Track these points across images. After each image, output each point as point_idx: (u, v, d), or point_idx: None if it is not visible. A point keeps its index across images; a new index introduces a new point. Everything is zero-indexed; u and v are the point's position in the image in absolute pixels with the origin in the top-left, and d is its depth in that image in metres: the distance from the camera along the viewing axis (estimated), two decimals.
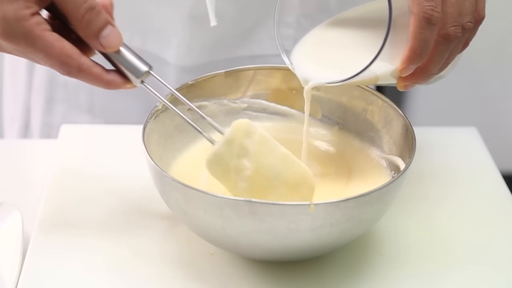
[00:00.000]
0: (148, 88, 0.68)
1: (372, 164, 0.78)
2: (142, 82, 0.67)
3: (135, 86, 0.67)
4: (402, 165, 0.74)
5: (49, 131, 1.01)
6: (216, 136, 0.70)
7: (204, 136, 0.69)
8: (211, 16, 0.84)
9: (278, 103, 0.83)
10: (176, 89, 0.77)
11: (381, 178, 0.76)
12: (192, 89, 0.79)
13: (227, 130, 0.68)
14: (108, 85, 0.66)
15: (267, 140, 0.68)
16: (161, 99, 0.69)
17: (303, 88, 0.74)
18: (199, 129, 0.69)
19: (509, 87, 1.89)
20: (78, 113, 1.00)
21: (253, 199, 0.63)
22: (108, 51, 0.65)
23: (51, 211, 0.78)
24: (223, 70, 0.80)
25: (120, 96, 0.98)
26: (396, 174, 0.74)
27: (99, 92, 0.98)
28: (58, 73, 0.97)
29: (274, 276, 0.71)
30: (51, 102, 1.00)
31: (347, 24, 0.76)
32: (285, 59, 0.74)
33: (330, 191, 0.75)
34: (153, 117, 0.75)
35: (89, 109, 0.99)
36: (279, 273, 0.71)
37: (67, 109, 1.00)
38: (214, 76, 0.80)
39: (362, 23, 0.75)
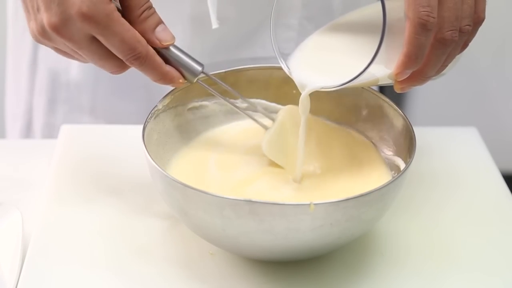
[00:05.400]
0: (204, 85, 0.74)
1: (372, 164, 0.78)
2: (197, 80, 0.72)
3: (184, 83, 0.72)
4: (402, 165, 0.74)
5: (51, 132, 1.01)
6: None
7: (258, 122, 0.77)
8: (213, 18, 0.84)
9: (278, 103, 0.83)
10: (176, 89, 0.78)
11: (381, 178, 0.76)
12: (192, 89, 0.79)
13: (278, 114, 0.77)
14: (164, 76, 0.70)
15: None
16: (216, 93, 0.75)
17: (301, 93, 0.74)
18: (254, 117, 0.77)
19: (509, 87, 1.89)
20: (80, 114, 1.00)
21: (253, 199, 0.63)
22: (163, 45, 0.70)
23: (51, 211, 0.78)
24: (223, 70, 0.80)
25: (122, 97, 0.98)
26: (396, 174, 0.74)
27: (101, 93, 0.98)
28: (60, 74, 0.98)
29: (274, 276, 0.71)
30: (53, 103, 1.00)
31: (346, 29, 0.76)
32: (282, 64, 0.74)
33: (330, 191, 0.75)
34: (153, 117, 0.75)
35: (91, 110, 0.99)
36: (279, 273, 0.71)
37: (69, 110, 1.00)
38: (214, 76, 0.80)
39: (360, 28, 0.75)
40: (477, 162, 0.88)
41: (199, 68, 0.72)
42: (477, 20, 0.69)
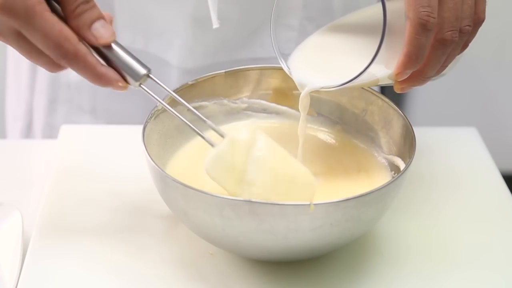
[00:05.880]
0: (146, 91, 0.67)
1: (372, 164, 0.78)
2: (140, 85, 0.67)
3: (126, 86, 0.66)
4: (402, 165, 0.74)
5: (52, 132, 1.02)
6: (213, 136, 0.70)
7: (204, 138, 0.69)
8: (213, 18, 0.84)
9: (278, 103, 0.83)
10: (176, 89, 0.78)
11: (381, 178, 0.76)
12: (192, 89, 0.79)
13: (230, 134, 0.68)
14: (99, 78, 0.65)
15: (272, 147, 0.68)
16: (160, 101, 0.69)
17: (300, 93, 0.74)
18: (198, 131, 0.69)
19: (509, 87, 1.89)
20: (80, 114, 1.00)
21: (253, 199, 0.63)
22: (100, 42, 0.64)
23: (51, 211, 0.78)
24: (223, 70, 0.80)
25: (122, 97, 0.98)
26: (396, 174, 0.74)
27: (102, 93, 0.98)
28: (61, 74, 0.98)
29: (274, 276, 0.71)
30: (54, 103, 1.00)
31: (346, 30, 0.76)
32: (282, 63, 0.74)
33: (330, 191, 0.75)
34: (153, 117, 0.75)
35: (92, 110, 0.99)
36: (279, 273, 0.72)
37: (69, 110, 1.00)
38: (214, 76, 0.80)
39: (361, 29, 0.75)
40: (477, 162, 0.88)
41: (143, 72, 0.66)
42: (477, 20, 0.69)
